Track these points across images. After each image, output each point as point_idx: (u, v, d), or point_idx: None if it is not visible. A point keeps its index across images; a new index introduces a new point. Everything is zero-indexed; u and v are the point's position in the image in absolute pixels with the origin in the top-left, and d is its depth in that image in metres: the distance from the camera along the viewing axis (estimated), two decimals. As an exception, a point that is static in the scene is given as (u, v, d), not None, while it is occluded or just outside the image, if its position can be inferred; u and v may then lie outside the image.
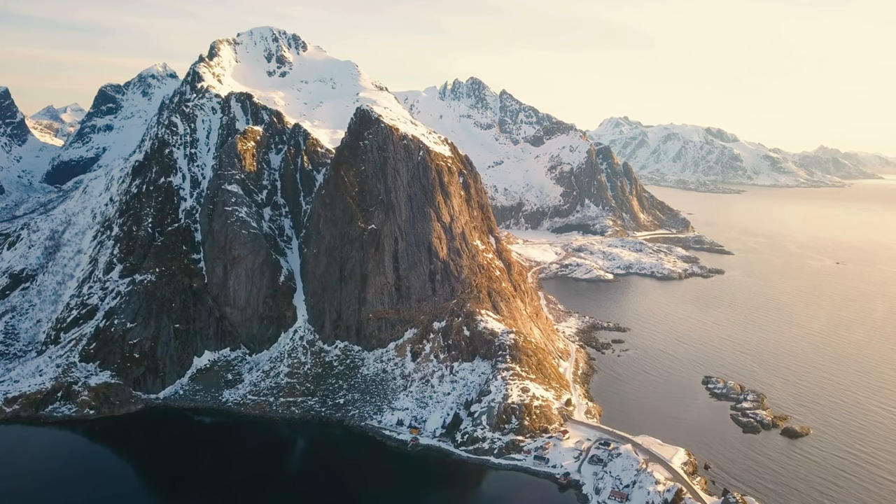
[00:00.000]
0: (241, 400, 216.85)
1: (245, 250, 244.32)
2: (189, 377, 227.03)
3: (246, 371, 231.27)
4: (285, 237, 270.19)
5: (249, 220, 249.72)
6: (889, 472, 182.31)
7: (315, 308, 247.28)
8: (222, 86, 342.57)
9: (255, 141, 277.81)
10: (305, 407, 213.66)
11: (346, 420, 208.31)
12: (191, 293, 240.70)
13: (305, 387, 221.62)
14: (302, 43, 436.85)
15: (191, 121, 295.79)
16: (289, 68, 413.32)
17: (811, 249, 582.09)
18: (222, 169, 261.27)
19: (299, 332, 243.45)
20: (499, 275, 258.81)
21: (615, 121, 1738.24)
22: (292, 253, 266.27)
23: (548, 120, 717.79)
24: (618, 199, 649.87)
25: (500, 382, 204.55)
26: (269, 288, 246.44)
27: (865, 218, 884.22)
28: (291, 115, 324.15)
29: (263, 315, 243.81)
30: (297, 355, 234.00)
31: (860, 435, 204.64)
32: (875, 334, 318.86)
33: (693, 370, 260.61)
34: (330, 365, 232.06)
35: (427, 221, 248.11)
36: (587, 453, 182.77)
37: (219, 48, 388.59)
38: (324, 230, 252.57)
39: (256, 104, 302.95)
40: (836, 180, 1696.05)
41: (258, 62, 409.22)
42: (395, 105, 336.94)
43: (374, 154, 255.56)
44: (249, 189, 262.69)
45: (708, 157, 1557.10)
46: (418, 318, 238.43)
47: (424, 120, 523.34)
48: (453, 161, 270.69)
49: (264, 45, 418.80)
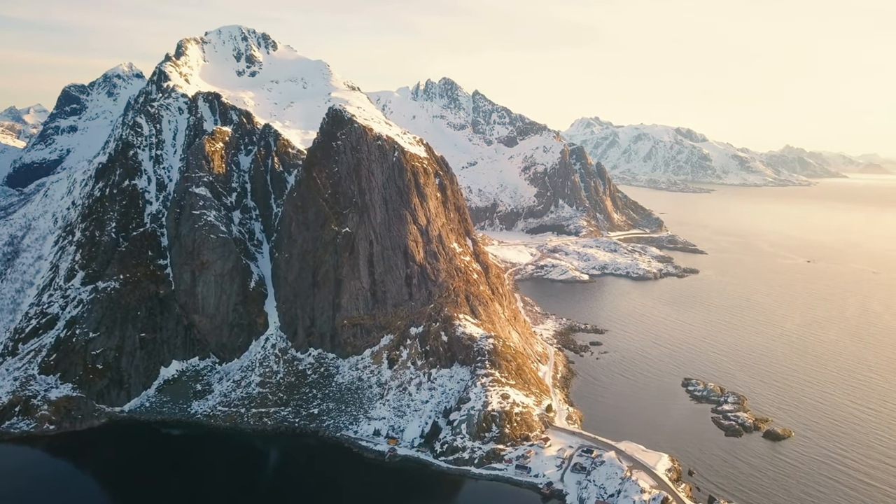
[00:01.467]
0: (211, 411, 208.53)
1: (214, 255, 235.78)
2: (156, 388, 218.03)
3: (216, 381, 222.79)
4: (256, 241, 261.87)
5: (218, 223, 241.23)
6: (868, 475, 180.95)
7: (287, 315, 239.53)
8: (189, 85, 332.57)
9: (223, 142, 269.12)
10: (278, 418, 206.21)
11: (320, 431, 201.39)
12: (157, 301, 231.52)
13: (278, 397, 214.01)
14: (272, 42, 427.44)
15: (156, 121, 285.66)
16: (259, 68, 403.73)
17: (782, 248, 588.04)
18: (189, 171, 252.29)
19: (271, 339, 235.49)
20: (476, 278, 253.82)
21: (586, 121, 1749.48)
22: (263, 258, 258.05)
23: (521, 120, 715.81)
24: (591, 199, 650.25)
25: (480, 389, 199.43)
26: (240, 294, 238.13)
27: (832, 216, 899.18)
28: (261, 116, 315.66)
29: (234, 322, 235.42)
30: (269, 364, 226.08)
31: (840, 437, 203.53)
32: (849, 333, 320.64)
33: (672, 372, 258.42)
34: (303, 374, 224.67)
35: (403, 224, 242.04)
36: (570, 461, 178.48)
37: (186, 47, 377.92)
38: (296, 234, 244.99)
39: (225, 104, 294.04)
40: (803, 179, 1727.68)
41: (227, 61, 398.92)
42: (368, 105, 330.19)
43: (348, 155, 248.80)
44: (218, 192, 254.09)
45: (678, 156, 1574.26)
46: (395, 324, 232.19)
47: (397, 120, 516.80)
48: (429, 162, 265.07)
49: (233, 44, 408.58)
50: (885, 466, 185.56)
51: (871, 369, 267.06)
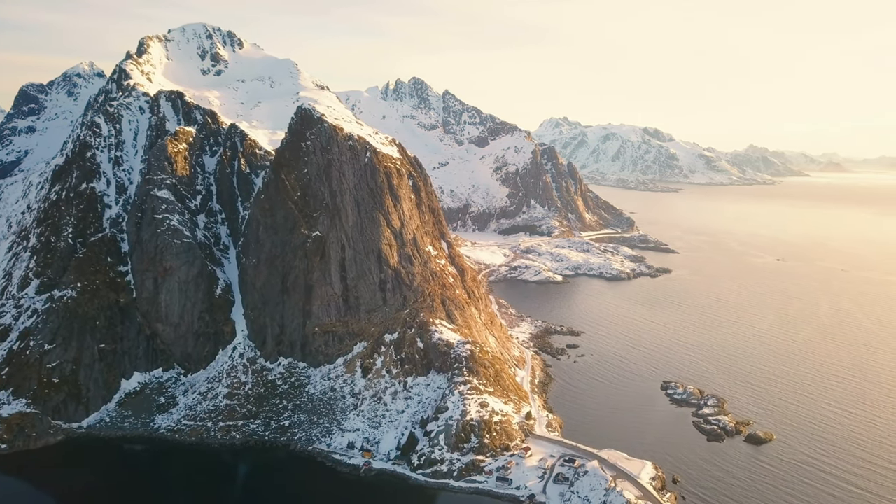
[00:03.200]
0: (176, 426, 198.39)
1: (177, 261, 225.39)
2: (116, 403, 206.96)
3: (180, 394, 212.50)
4: (222, 246, 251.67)
5: (182, 228, 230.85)
6: (851, 481, 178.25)
7: (256, 322, 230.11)
8: (152, 84, 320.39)
9: (187, 143, 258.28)
10: (247, 431, 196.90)
11: (291, 444, 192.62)
12: (117, 310, 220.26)
13: (247, 409, 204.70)
14: (238, 40, 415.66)
15: (116, 121, 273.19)
16: (224, 67, 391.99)
17: (752, 247, 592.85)
18: (151, 173, 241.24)
19: (239, 349, 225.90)
20: (452, 282, 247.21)
21: (555, 121, 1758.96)
22: (230, 263, 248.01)
23: (491, 120, 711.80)
24: (563, 199, 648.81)
25: (458, 398, 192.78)
26: (205, 302, 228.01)
27: (798, 215, 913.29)
28: (227, 116, 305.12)
29: (199, 331, 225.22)
30: (236, 374, 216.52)
31: (821, 440, 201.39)
32: (822, 332, 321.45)
33: (650, 375, 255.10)
34: (273, 384, 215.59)
35: (376, 227, 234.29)
36: (551, 472, 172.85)
37: (148, 45, 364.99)
38: (264, 238, 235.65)
39: (189, 103, 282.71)
40: (767, 178, 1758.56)
41: (191, 60, 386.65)
42: (337, 104, 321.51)
43: (318, 156, 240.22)
44: (182, 195, 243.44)
45: (646, 156, 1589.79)
46: (368, 331, 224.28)
47: (367, 120, 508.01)
48: (402, 163, 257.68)
49: (197, 42, 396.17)
50: (866, 470, 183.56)
51: (846, 369, 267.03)
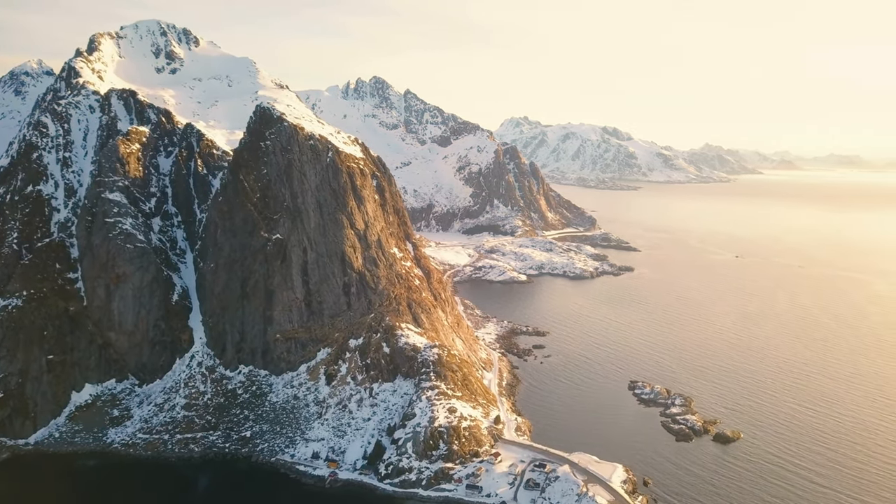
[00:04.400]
0: (130, 439, 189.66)
1: (131, 267, 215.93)
2: (66, 416, 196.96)
3: (135, 405, 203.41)
4: (178, 250, 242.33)
5: (135, 232, 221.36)
6: (818, 474, 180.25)
7: (214, 329, 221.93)
8: (103, 83, 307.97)
9: (140, 143, 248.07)
10: (206, 443, 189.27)
11: (253, 456, 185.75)
12: (67, 318, 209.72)
13: (206, 420, 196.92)
14: (193, 38, 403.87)
15: (64, 121, 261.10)
16: (180, 65, 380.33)
17: (711, 244, 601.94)
18: (102, 175, 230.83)
19: (197, 357, 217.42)
20: (418, 284, 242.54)
21: (515, 121, 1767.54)
22: (187, 268, 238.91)
23: (453, 120, 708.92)
24: (526, 198, 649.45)
25: (425, 403, 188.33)
26: (161, 309, 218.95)
27: (754, 212, 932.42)
28: (183, 115, 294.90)
29: (155, 340, 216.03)
30: (195, 384, 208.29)
31: (786, 437, 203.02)
32: (782, 328, 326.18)
33: (618, 375, 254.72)
34: (233, 393, 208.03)
35: (339, 229, 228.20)
36: (522, 477, 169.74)
37: (99, 42, 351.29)
38: (222, 241, 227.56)
39: (142, 102, 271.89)
40: (723, 176, 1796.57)
41: (145, 58, 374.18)
42: (298, 103, 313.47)
43: (278, 156, 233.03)
44: (135, 197, 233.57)
45: (605, 154, 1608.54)
46: (332, 337, 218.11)
47: (328, 120, 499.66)
48: (365, 163, 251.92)
49: (151, 39, 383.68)
50: (830, 465, 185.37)
51: (806, 365, 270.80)
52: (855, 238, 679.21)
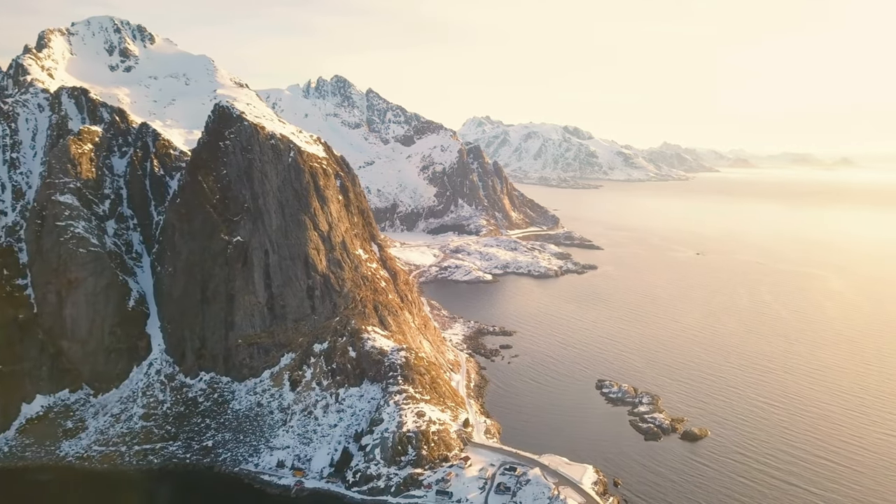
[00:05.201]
0: (85, 452, 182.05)
1: (84, 272, 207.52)
2: (16, 429, 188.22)
3: (90, 416, 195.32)
4: (134, 254, 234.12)
5: (88, 235, 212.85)
6: (782, 470, 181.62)
7: (173, 335, 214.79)
8: (54, 81, 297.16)
9: (93, 143, 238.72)
10: (166, 454, 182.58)
11: (216, 466, 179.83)
12: (16, 326, 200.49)
13: (165, 430, 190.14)
14: (149, 35, 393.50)
15: (11, 120, 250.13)
16: (134, 63, 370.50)
17: (672, 241, 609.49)
18: (52, 176, 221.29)
19: (155, 364, 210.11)
20: (384, 286, 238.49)
21: (478, 120, 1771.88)
22: (143, 272, 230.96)
23: (416, 119, 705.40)
24: (490, 198, 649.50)
25: (393, 408, 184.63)
26: (117, 315, 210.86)
27: (712, 209, 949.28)
28: (139, 114, 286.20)
29: (110, 347, 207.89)
30: (153, 393, 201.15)
31: (751, 433, 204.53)
32: (744, 325, 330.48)
33: (585, 374, 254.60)
34: (194, 401, 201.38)
35: (302, 231, 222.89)
36: (492, 482, 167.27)
37: (49, 38, 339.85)
38: (180, 245, 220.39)
39: (94, 101, 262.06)
40: (681, 174, 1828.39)
41: (98, 55, 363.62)
42: (258, 102, 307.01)
43: (238, 156, 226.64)
44: (88, 199, 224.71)
45: (566, 154, 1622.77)
46: (296, 341, 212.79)
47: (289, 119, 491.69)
48: (328, 162, 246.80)
49: (104, 36, 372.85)
50: (794, 461, 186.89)
51: (769, 361, 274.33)
52: (810, 234, 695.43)
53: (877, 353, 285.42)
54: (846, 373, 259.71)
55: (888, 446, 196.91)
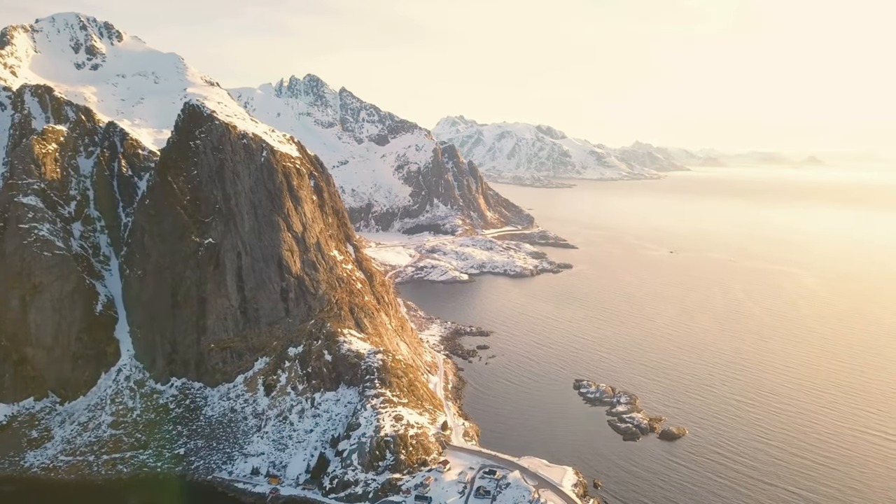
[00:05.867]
0: (52, 462, 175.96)
1: (49, 276, 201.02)
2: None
3: (56, 425, 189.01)
4: (102, 257, 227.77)
5: (53, 238, 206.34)
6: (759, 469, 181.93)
7: (143, 340, 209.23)
8: (17, 79, 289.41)
9: (57, 143, 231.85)
10: (136, 463, 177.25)
11: (188, 474, 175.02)
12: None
13: (135, 438, 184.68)
14: (116, 32, 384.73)
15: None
16: (101, 60, 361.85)
17: (646, 240, 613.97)
18: (15, 177, 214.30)
19: (124, 371, 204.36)
20: (360, 287, 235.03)
21: (451, 120, 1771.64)
22: (112, 276, 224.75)
23: (390, 118, 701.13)
24: (465, 197, 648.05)
25: (371, 412, 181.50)
26: (84, 320, 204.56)
27: (684, 208, 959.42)
28: (107, 113, 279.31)
29: (77, 353, 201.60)
30: (122, 400, 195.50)
31: (728, 431, 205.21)
32: (718, 322, 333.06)
33: (562, 374, 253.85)
34: (165, 408, 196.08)
35: (275, 232, 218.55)
36: (472, 486, 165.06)
37: (12, 35, 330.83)
38: (150, 247, 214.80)
39: (59, 99, 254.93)
40: (653, 173, 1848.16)
41: (64, 53, 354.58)
42: (229, 101, 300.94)
43: (209, 156, 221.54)
44: (52, 201, 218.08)
45: (540, 153, 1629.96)
46: (270, 345, 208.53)
47: (261, 118, 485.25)
48: (302, 162, 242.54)
49: (70, 33, 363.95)
50: (770, 460, 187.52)
51: (743, 358, 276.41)
52: (781, 232, 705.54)
53: (849, 349, 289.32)
54: (819, 370, 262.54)
55: (861, 443, 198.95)
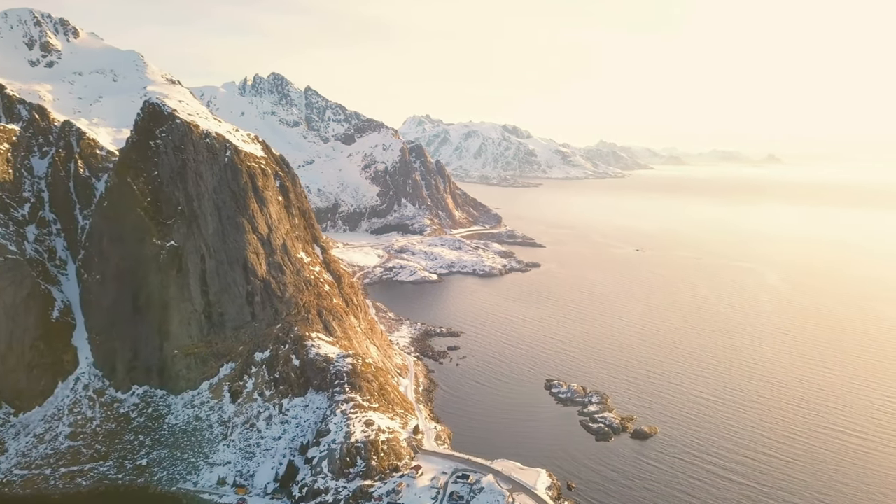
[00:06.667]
0: (6, 476, 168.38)
1: (2, 281, 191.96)
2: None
3: (10, 438, 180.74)
4: (58, 261, 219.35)
5: (6, 242, 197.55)
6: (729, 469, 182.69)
7: (103, 348, 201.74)
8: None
9: (9, 142, 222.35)
10: (96, 475, 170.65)
11: (151, 486, 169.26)
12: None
13: (95, 449, 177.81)
14: (72, 29, 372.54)
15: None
16: (57, 58, 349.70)
17: (612, 238, 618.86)
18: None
19: (83, 379, 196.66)
20: (328, 290, 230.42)
21: (418, 119, 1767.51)
22: (69, 281, 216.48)
23: (357, 118, 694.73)
24: (433, 197, 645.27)
25: (340, 418, 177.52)
26: (39, 327, 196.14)
27: (649, 205, 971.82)
28: (63, 112, 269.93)
29: (32, 362, 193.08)
30: (81, 410, 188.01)
31: (699, 429, 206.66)
32: (685, 320, 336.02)
33: (533, 374, 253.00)
34: (126, 417, 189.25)
35: (240, 234, 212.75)
36: (445, 491, 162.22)
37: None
38: (109, 250, 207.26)
39: (11, 97, 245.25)
40: (618, 171, 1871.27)
41: (16, 50, 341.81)
42: (191, 99, 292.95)
43: (170, 156, 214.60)
44: (4, 203, 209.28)
45: (506, 152, 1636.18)
46: (236, 350, 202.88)
47: (225, 117, 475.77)
48: (267, 162, 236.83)
49: (23, 29, 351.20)
50: (740, 458, 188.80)
51: (710, 355, 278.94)
52: (742, 229, 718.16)
53: (813, 345, 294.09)
54: (785, 366, 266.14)
55: (828, 438, 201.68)
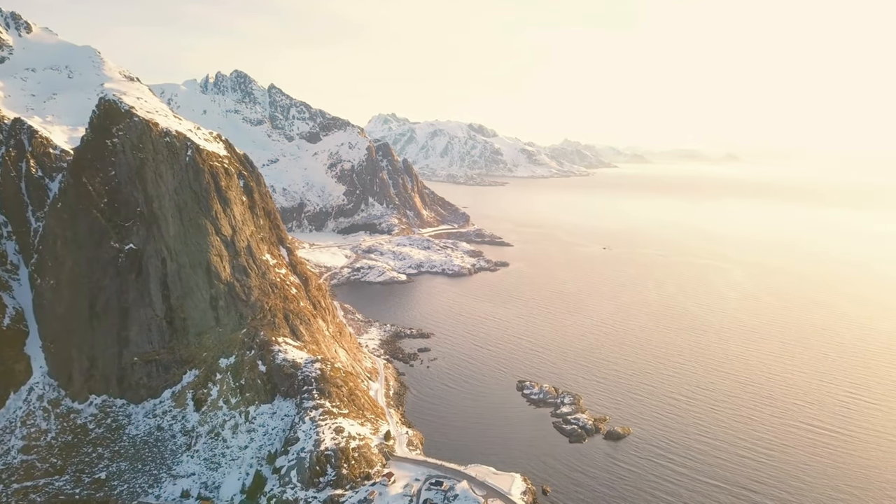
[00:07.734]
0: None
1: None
2: None
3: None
4: (9, 266, 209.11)
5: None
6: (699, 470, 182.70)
7: (58, 356, 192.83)
8: None
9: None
10: (51, 490, 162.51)
11: (111, 500, 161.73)
12: None
13: (50, 463, 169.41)
14: (24, 23, 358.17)
15: None
16: (8, 53, 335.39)
17: (579, 237, 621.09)
18: None
19: (36, 390, 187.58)
20: (295, 293, 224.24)
21: (384, 117, 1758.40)
22: (21, 286, 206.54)
23: (321, 116, 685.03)
24: (401, 196, 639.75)
25: (309, 425, 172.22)
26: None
27: (614, 204, 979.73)
28: (15, 109, 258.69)
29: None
30: (34, 422, 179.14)
31: (671, 429, 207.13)
32: (654, 318, 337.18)
33: (505, 375, 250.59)
34: (83, 429, 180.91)
35: (203, 236, 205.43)
36: (419, 498, 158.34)
37: None
38: (64, 254, 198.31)
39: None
40: (582, 170, 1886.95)
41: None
42: (150, 97, 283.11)
43: (128, 155, 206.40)
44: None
45: (472, 151, 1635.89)
46: (200, 356, 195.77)
47: (186, 115, 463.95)
48: (230, 161, 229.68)
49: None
50: (712, 457, 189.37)
51: (680, 353, 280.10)
52: (707, 227, 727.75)
53: (780, 342, 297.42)
54: (753, 363, 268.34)
55: (795, 436, 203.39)
